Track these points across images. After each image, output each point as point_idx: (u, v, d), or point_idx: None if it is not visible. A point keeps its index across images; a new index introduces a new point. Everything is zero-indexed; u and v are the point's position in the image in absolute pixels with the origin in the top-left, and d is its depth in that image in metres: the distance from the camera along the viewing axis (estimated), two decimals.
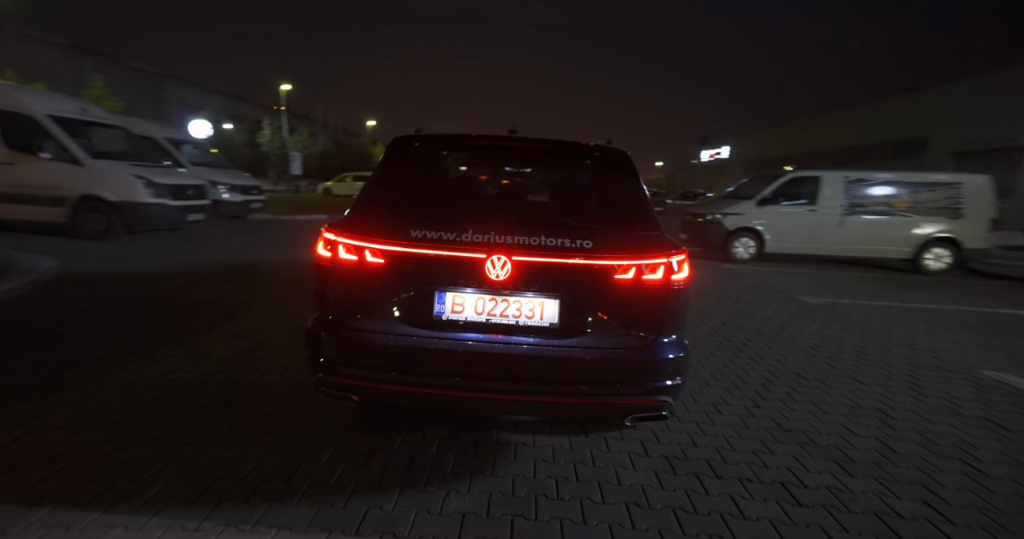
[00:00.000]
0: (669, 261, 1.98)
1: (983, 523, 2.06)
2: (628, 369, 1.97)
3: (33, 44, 29.77)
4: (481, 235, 1.90)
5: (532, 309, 1.96)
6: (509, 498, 2.04)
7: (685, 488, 2.20)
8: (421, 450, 2.35)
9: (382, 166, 2.19)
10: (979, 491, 2.30)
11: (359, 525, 1.81)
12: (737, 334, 4.70)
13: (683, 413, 2.95)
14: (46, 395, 2.63)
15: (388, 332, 1.93)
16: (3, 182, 7.91)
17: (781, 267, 9.53)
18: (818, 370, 3.83)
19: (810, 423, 2.91)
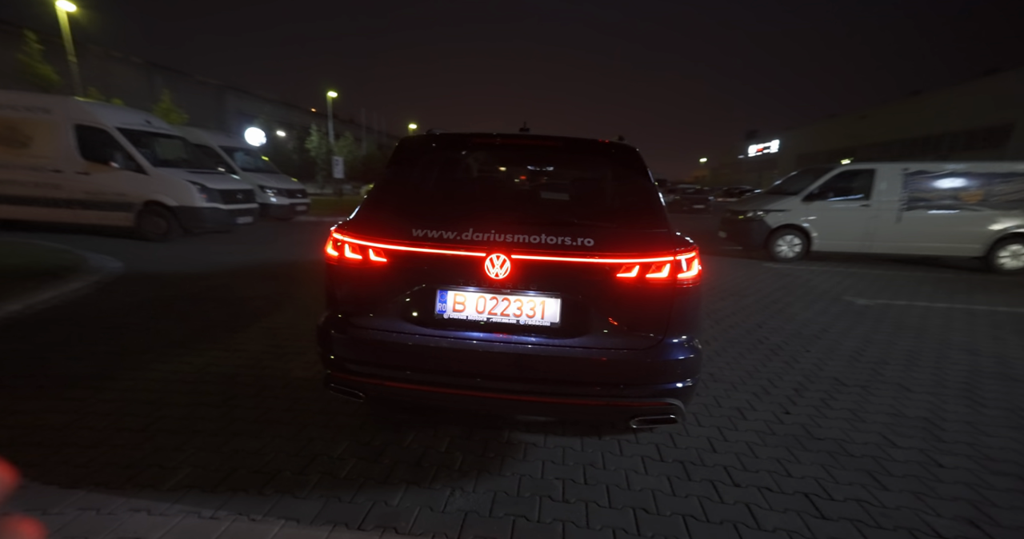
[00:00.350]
0: (675, 259, 1.91)
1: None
2: (632, 370, 1.92)
3: (114, 64, 32.39)
4: (481, 234, 1.90)
5: (533, 308, 1.94)
6: (513, 498, 2.04)
7: (699, 495, 2.12)
8: (431, 447, 2.38)
9: (390, 167, 2.23)
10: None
11: (363, 520, 1.86)
12: (772, 336, 4.48)
13: (704, 417, 2.84)
14: (98, 384, 2.86)
15: (392, 330, 1.97)
16: (80, 190, 8.63)
17: (829, 266, 9.00)
18: (859, 376, 3.59)
19: (844, 432, 2.73)
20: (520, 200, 2.21)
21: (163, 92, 23.07)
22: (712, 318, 5.03)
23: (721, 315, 5.17)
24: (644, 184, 2.17)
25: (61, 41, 21.31)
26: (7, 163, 8.53)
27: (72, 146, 8.47)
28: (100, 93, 21.95)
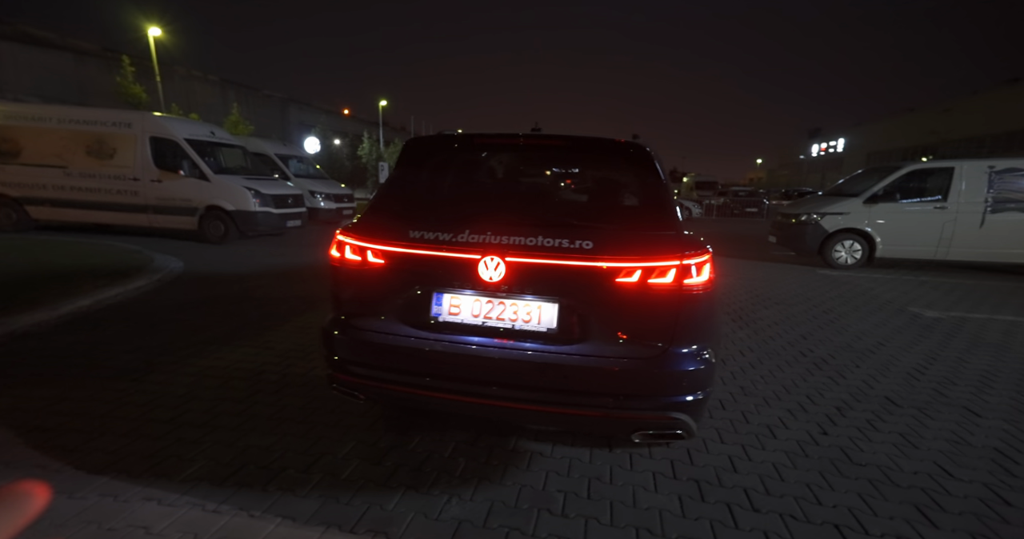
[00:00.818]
0: (682, 264, 1.79)
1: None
2: (633, 381, 1.81)
3: (194, 81, 35.27)
4: (476, 235, 1.86)
5: (529, 313, 1.87)
6: (511, 509, 1.97)
7: (711, 518, 1.97)
8: (435, 452, 2.36)
9: (397, 169, 2.24)
10: None
11: (356, 523, 1.85)
12: (818, 349, 4.14)
13: (728, 434, 2.65)
14: (139, 377, 3.06)
15: (389, 332, 1.97)
16: (154, 196, 9.40)
17: (896, 274, 8.27)
18: (918, 396, 3.24)
19: (891, 458, 2.46)
20: (521, 201, 2.15)
21: (233, 106, 24.81)
22: (751, 327, 4.73)
23: (762, 325, 4.85)
24: (653, 184, 2.05)
25: (151, 63, 23.48)
26: (96, 173, 9.42)
27: (148, 156, 9.23)
28: (180, 108, 23.98)
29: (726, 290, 6.50)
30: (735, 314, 5.23)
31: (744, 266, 8.76)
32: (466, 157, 2.27)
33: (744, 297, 6.11)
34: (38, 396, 2.75)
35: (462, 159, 2.27)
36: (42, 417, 2.53)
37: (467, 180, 2.28)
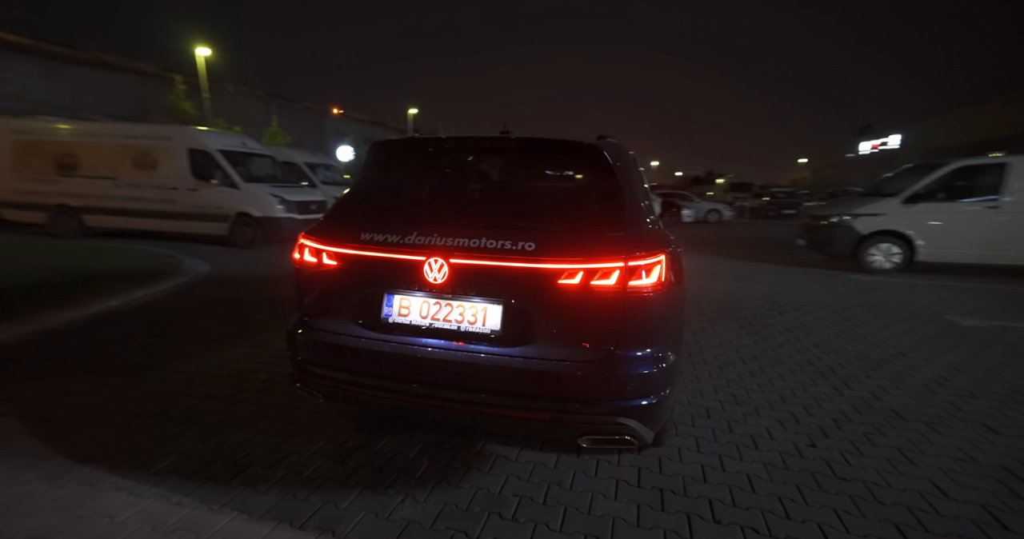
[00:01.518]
0: (627, 265, 1.74)
1: None
2: (577, 384, 1.77)
3: (240, 96, 37.19)
4: (423, 237, 1.87)
5: (475, 314, 1.87)
6: (461, 512, 1.96)
7: (666, 529, 1.90)
8: (400, 453, 2.38)
9: (363, 172, 2.29)
10: None
11: (307, 519, 1.89)
12: (828, 357, 3.93)
13: (707, 443, 2.55)
14: (137, 373, 3.23)
15: (343, 333, 2.00)
16: (189, 204, 9.94)
17: (937, 280, 7.75)
18: (928, 410, 3.02)
19: (881, 474, 2.30)
20: (473, 203, 2.15)
21: (273, 118, 26.02)
22: (760, 334, 4.54)
23: (772, 331, 4.64)
24: (609, 184, 2.01)
25: (204, 81, 25.01)
26: (140, 183, 10.05)
27: (185, 167, 9.79)
28: (226, 122, 25.30)
29: (739, 295, 6.27)
30: (744, 320, 5.02)
31: (766, 270, 8.43)
32: (426, 160, 2.29)
33: (758, 302, 5.87)
34: (47, 389, 2.95)
35: (422, 162, 2.30)
36: (46, 408, 2.71)
37: (424, 183, 2.30)
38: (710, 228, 18.37)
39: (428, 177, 2.29)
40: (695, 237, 14.15)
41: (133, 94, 31.33)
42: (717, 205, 21.84)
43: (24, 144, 10.49)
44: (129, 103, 30.66)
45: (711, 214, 21.25)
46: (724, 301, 5.89)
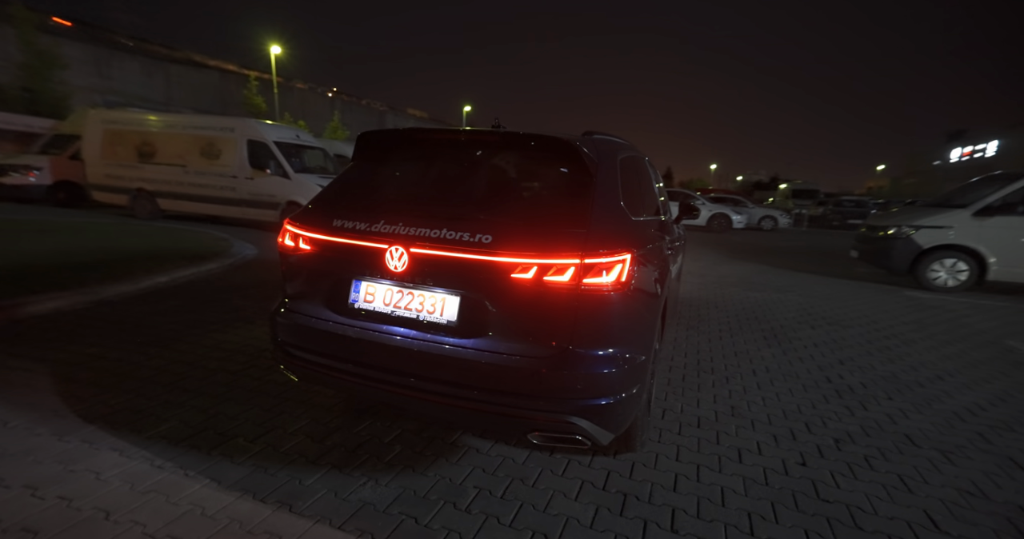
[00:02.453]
0: (582, 262, 1.71)
1: None
2: (527, 380, 1.76)
3: (307, 93, 39.40)
4: (388, 225, 1.92)
5: (434, 304, 1.90)
6: (418, 499, 2.01)
7: (619, 533, 1.86)
8: (376, 437, 2.45)
9: (352, 160, 2.38)
10: None
11: (270, 493, 1.98)
12: (849, 376, 3.66)
13: (688, 452, 2.47)
14: (166, 344, 3.51)
15: (314, 316, 2.10)
16: (246, 191, 10.63)
17: (1009, 302, 7.02)
18: (949, 438, 2.76)
19: (871, 499, 2.14)
20: (443, 194, 2.15)
21: (334, 114, 27.33)
22: (781, 347, 4.30)
23: (797, 344, 4.39)
24: (582, 181, 1.98)
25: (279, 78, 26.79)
26: (205, 171, 10.85)
27: (244, 157, 10.46)
28: (292, 116, 26.85)
29: (773, 306, 5.95)
30: (769, 332, 4.77)
31: (811, 281, 7.93)
32: (406, 151, 2.34)
33: (791, 314, 5.54)
34: (84, 353, 3.26)
35: (402, 153, 2.35)
36: (79, 370, 3.00)
37: (400, 173, 2.34)
38: (762, 236, 17.49)
39: (405, 168, 2.34)
40: (741, 244, 13.53)
41: (216, 89, 33.95)
42: (773, 212, 20.73)
43: (112, 133, 11.57)
44: (212, 97, 33.27)
45: (765, 221, 20.21)
46: (753, 311, 5.61)
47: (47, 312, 4.09)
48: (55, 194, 12.31)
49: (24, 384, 2.78)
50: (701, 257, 10.16)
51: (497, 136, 2.11)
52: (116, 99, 27.50)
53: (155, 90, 31.39)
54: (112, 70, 29.62)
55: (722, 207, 17.57)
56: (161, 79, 31.69)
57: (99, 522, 1.77)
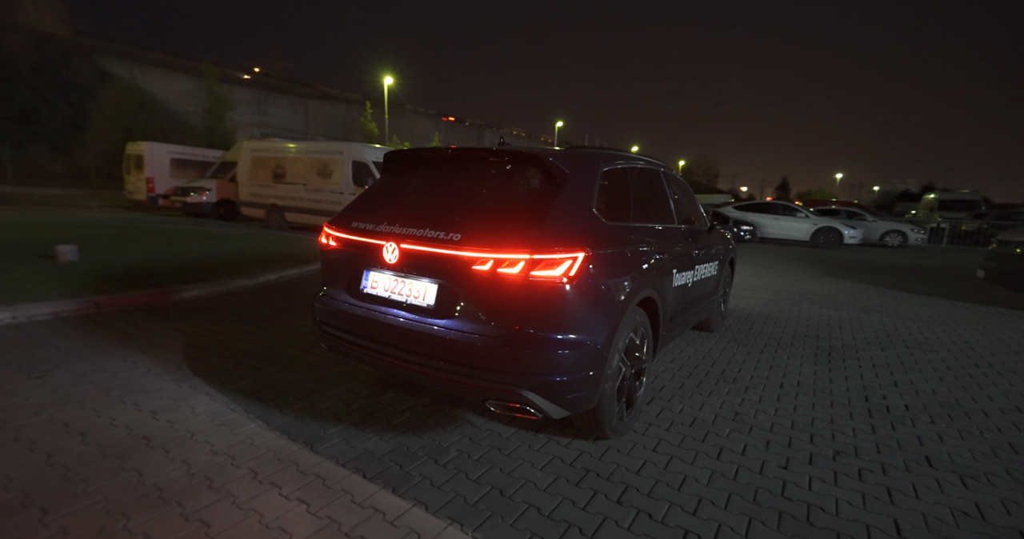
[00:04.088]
0: (531, 258, 2.02)
1: None
2: (485, 355, 2.09)
3: (415, 116, 43.29)
4: (388, 226, 2.39)
5: (419, 291, 2.32)
6: (406, 453, 2.41)
7: (568, 497, 2.11)
8: (392, 406, 2.92)
9: (381, 174, 2.93)
10: None
11: (301, 435, 2.52)
12: (896, 398, 3.40)
13: (668, 445, 2.60)
14: (263, 326, 4.36)
15: (339, 299, 2.63)
16: None
17: None
18: (983, 466, 2.53)
19: (838, 503, 2.12)
20: (435, 200, 2.55)
21: (435, 134, 29.69)
22: (829, 365, 4.07)
23: (850, 364, 4.11)
24: (549, 190, 2.29)
25: (391, 105, 30.02)
26: (320, 188, 12.63)
27: (349, 176, 12.01)
28: (399, 138, 29.71)
29: (843, 324, 5.51)
30: (822, 350, 4.48)
31: (914, 302, 7.05)
32: (416, 166, 2.81)
33: (863, 335, 5.09)
34: (206, 329, 4.21)
35: (413, 167, 2.81)
36: (199, 340, 3.91)
37: (408, 183, 2.79)
38: (882, 253, 15.53)
39: (413, 179, 2.79)
40: (846, 261, 12.22)
41: (343, 118, 38.78)
42: (901, 226, 18.21)
43: (257, 159, 13.95)
44: (339, 125, 38.05)
45: (891, 237, 17.84)
46: (818, 329, 5.25)
47: (191, 298, 5.25)
48: (218, 210, 15.04)
49: (165, 346, 3.72)
50: (787, 273, 9.46)
51: (483, 152, 2.50)
52: (268, 131, 32.69)
53: (297, 122, 36.63)
54: (268, 108, 35.18)
55: (830, 220, 15.92)
56: (302, 112, 36.94)
57: (187, 439, 2.44)
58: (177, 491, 2.02)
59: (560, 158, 2.39)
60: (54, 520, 1.81)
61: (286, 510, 1.94)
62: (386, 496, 2.06)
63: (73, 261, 6.02)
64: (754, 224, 16.31)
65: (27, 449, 2.27)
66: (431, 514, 1.96)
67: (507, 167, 2.49)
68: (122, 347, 3.64)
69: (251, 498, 2.00)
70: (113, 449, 2.30)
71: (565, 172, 2.34)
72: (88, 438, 2.39)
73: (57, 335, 3.82)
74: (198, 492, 2.02)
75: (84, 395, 2.84)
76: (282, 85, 38.34)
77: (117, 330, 4.02)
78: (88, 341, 3.72)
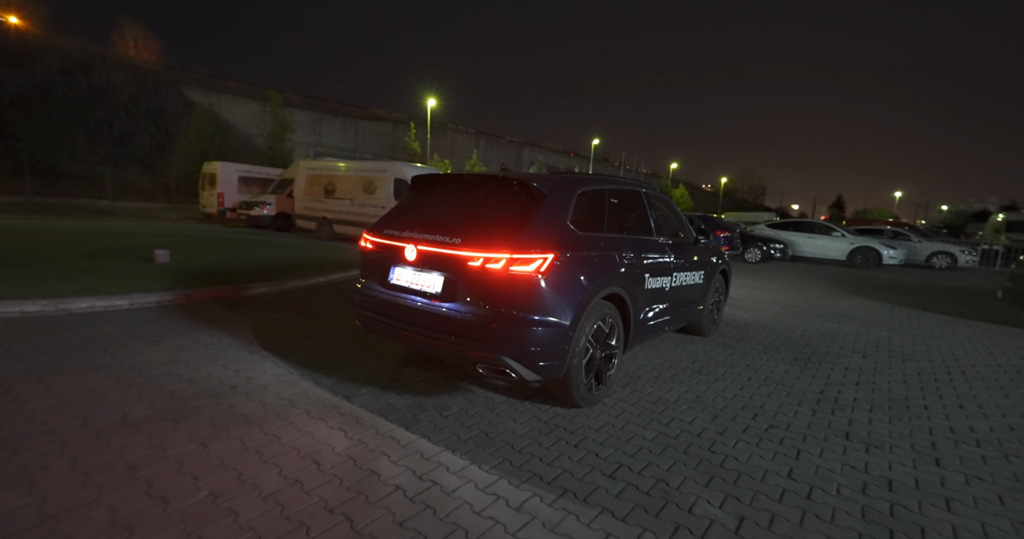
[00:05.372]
0: (511, 256, 2.74)
1: None
2: (477, 329, 2.80)
3: (456, 134, 45.26)
4: (410, 232, 3.17)
5: (431, 282, 3.07)
6: (419, 408, 3.14)
7: (535, 440, 2.77)
8: (412, 377, 3.67)
9: (408, 192, 3.74)
10: None
11: (340, 392, 3.31)
12: (849, 393, 3.84)
13: (628, 415, 3.21)
14: (313, 316, 5.26)
15: (372, 289, 3.42)
16: None
17: None
18: (891, 439, 2.99)
19: (752, 457, 2.69)
20: (447, 213, 3.28)
21: (474, 151, 31.07)
22: (807, 367, 4.51)
23: (826, 367, 4.54)
24: (531, 206, 3.01)
25: (434, 124, 31.74)
26: (365, 203, 13.85)
27: (391, 192, 13.15)
28: (439, 156, 31.25)
29: (838, 336, 5.86)
30: (804, 356, 4.91)
31: (923, 320, 7.20)
32: (435, 186, 3.59)
33: (854, 345, 5.44)
34: (268, 318, 5.14)
35: (432, 187, 3.59)
36: (265, 325, 4.84)
37: (429, 199, 3.55)
38: (924, 274, 15.16)
39: (433, 196, 3.57)
40: (878, 280, 12.14)
41: (390, 137, 41.14)
42: (951, 247, 17.60)
43: (311, 177, 15.42)
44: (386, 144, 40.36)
45: (937, 258, 17.29)
46: (811, 338, 5.64)
47: (257, 294, 6.27)
48: (276, 222, 16.62)
49: (240, 328, 4.66)
50: (806, 290, 9.67)
51: (484, 177, 3.27)
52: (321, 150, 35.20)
53: (348, 141, 39.13)
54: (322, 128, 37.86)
55: (868, 240, 15.68)
56: (352, 132, 39.45)
57: (260, 389, 3.27)
58: (257, 419, 2.84)
59: (541, 182, 3.12)
60: (183, 428, 2.67)
61: (330, 434, 2.71)
62: (401, 431, 2.80)
63: (166, 263, 7.22)
64: (787, 242, 16.28)
65: (157, 387, 3.18)
66: (432, 443, 2.68)
67: (502, 188, 3.24)
68: (209, 327, 4.61)
69: (306, 425, 2.79)
70: (213, 392, 3.17)
71: (544, 193, 3.06)
72: (195, 384, 3.28)
73: (161, 318, 4.84)
74: (271, 420, 2.83)
75: (188, 357, 3.77)
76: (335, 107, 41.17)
77: (203, 316, 5.02)
78: (184, 322, 4.72)
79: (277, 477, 2.27)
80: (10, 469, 2.19)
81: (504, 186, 3.23)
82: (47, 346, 3.83)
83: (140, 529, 1.87)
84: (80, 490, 2.08)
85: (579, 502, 2.22)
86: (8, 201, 19.01)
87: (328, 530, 1.93)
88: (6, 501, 1.98)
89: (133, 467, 2.27)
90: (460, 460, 2.52)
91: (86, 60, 26.94)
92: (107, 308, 4.98)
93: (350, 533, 1.92)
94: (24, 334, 4.08)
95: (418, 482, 2.30)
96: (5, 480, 2.11)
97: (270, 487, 2.19)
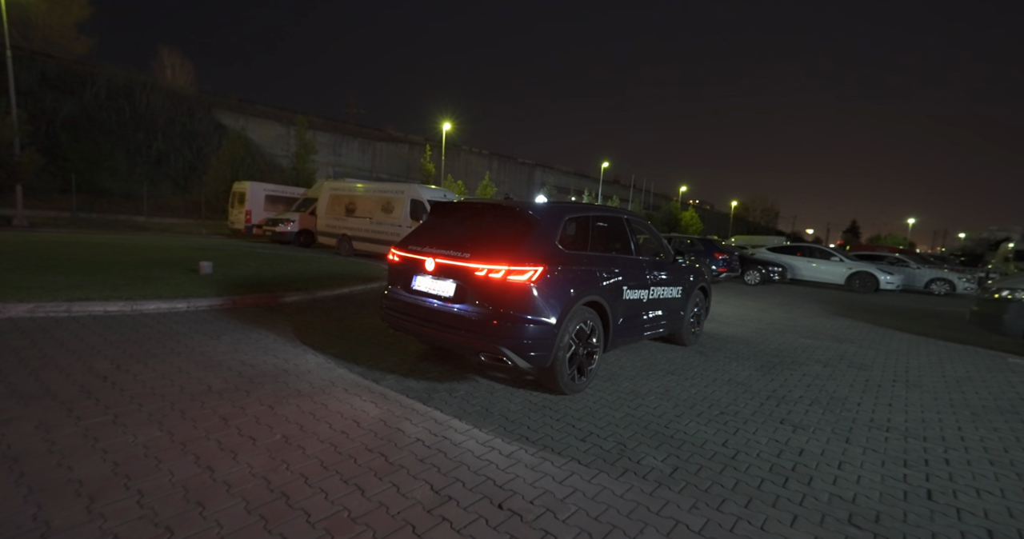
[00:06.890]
0: (508, 268, 3.52)
1: None
2: (480, 325, 3.57)
3: (470, 156, 46.77)
4: (429, 248, 3.98)
5: (445, 287, 3.86)
6: (433, 390, 3.89)
7: (525, 414, 3.49)
8: (428, 368, 4.43)
9: (428, 216, 4.56)
10: None
11: (368, 377, 4.09)
12: (800, 392, 4.50)
13: (604, 401, 3.92)
14: (341, 320, 6.05)
15: (397, 293, 4.22)
16: None
17: None
18: (817, 424, 3.66)
19: (695, 429, 3.37)
20: (459, 234, 4.08)
21: (486, 172, 32.25)
22: (768, 372, 5.18)
23: (785, 373, 5.20)
24: (524, 228, 3.80)
25: (449, 146, 33.05)
26: (383, 222, 14.82)
27: (408, 212, 14.11)
28: (453, 177, 32.44)
29: (806, 350, 6.49)
30: (772, 364, 5.57)
31: (894, 338, 7.80)
32: (450, 211, 4.42)
33: (820, 357, 6.08)
34: (305, 321, 5.95)
35: (448, 212, 4.41)
36: (302, 327, 5.65)
37: (445, 222, 4.37)
38: (919, 299, 15.61)
39: (448, 219, 4.38)
40: (868, 304, 12.67)
41: (406, 158, 42.72)
42: (949, 275, 18.03)
43: (333, 196, 16.49)
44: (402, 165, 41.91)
45: (936, 284, 17.73)
46: (782, 350, 6.28)
47: (291, 302, 7.11)
48: (299, 238, 17.69)
49: (282, 328, 5.48)
50: (795, 310, 10.28)
51: (489, 204, 4.10)
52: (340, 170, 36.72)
53: (366, 162, 40.69)
54: (342, 149, 39.52)
55: (866, 265, 16.20)
56: (370, 153, 41.03)
57: (306, 373, 4.05)
58: (308, 392, 3.62)
59: (535, 209, 3.92)
60: (253, 396, 3.46)
61: (364, 404, 3.47)
62: (419, 405, 3.55)
63: (209, 273, 8.13)
64: (786, 266, 16.87)
65: (227, 369, 3.98)
66: (444, 414, 3.43)
67: (504, 214, 4.06)
68: (256, 327, 5.43)
69: (346, 398, 3.56)
70: (270, 373, 3.97)
71: (537, 219, 3.87)
72: (255, 367, 4.08)
73: (215, 318, 5.69)
74: (318, 394, 3.61)
75: (244, 349, 4.58)
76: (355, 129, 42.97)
77: (249, 318, 5.85)
78: (234, 322, 5.55)
79: (328, 429, 3.03)
80: (140, 416, 3.00)
81: (506, 212, 4.05)
82: (134, 337, 4.67)
83: (241, 454, 2.64)
84: (192, 429, 2.87)
85: (555, 454, 2.94)
86: (57, 216, 20.44)
87: (369, 461, 2.68)
88: (145, 433, 2.78)
89: (225, 419, 3.06)
90: (465, 425, 3.26)
91: (129, 86, 28.96)
92: (170, 310, 5.85)
93: (385, 464, 2.67)
94: (113, 328, 4.94)
95: (433, 437, 3.04)
96: (141, 421, 2.91)
97: (324, 435, 2.95)
